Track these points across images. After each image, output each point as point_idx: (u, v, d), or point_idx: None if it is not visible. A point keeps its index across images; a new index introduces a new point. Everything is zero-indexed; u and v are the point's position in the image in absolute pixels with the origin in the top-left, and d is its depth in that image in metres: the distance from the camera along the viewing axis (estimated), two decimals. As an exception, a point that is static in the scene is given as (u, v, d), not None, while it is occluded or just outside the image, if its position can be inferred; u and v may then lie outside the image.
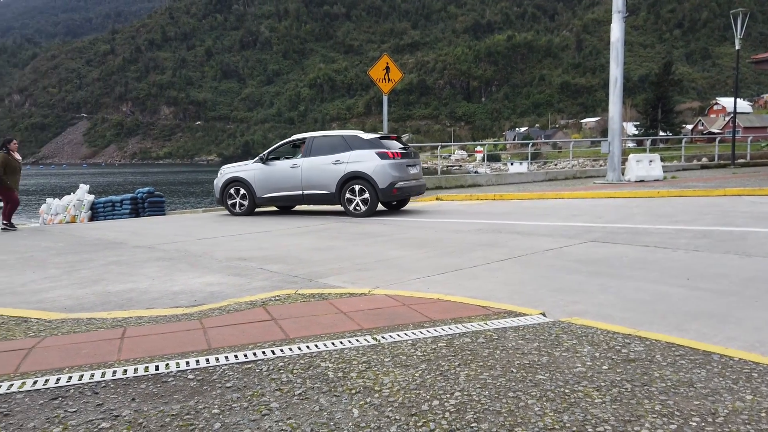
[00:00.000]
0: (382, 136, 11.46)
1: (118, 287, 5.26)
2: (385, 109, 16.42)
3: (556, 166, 46.73)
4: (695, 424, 2.31)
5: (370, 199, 10.77)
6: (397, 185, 10.76)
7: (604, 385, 2.71)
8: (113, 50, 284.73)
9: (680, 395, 2.58)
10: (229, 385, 2.82)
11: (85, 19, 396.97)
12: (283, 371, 2.97)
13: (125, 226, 11.26)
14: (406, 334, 3.54)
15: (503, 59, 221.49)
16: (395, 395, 2.64)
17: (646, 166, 17.70)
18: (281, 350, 3.29)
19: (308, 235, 8.60)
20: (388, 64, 15.46)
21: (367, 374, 2.90)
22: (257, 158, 12.04)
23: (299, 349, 3.31)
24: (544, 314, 3.91)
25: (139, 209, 15.23)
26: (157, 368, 3.05)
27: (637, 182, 16.86)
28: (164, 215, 14.61)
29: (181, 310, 4.32)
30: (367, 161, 10.78)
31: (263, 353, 3.25)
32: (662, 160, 20.20)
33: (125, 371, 3.01)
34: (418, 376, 2.86)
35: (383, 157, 10.79)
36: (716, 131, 73.63)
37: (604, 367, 2.93)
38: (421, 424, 2.36)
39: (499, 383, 2.75)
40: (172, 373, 2.99)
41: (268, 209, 12.96)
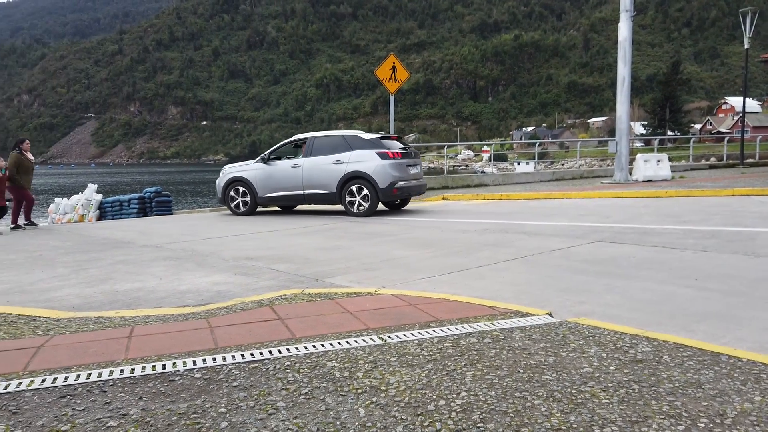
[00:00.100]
0: (382, 136, 11.49)
1: (125, 286, 5.29)
2: (391, 108, 16.42)
3: (563, 165, 46.59)
4: (703, 425, 2.30)
5: (370, 198, 10.80)
6: (397, 185, 10.79)
7: (611, 385, 2.69)
8: (121, 50, 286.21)
9: (688, 396, 2.57)
10: (235, 384, 2.83)
11: (93, 19, 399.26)
12: (289, 370, 2.98)
13: (133, 225, 11.32)
14: (412, 333, 3.54)
15: (510, 59, 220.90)
16: (401, 395, 2.64)
17: (654, 165, 17.61)
18: (288, 349, 3.30)
19: (315, 234, 8.61)
20: (394, 63, 15.46)
21: (373, 374, 2.90)
22: (259, 158, 12.11)
23: (305, 348, 3.32)
24: (550, 314, 3.90)
25: (146, 209, 15.30)
26: (164, 367, 3.06)
27: (644, 182, 16.78)
28: (171, 215, 14.67)
29: (188, 309, 4.33)
30: (367, 161, 10.82)
31: (270, 352, 3.25)
32: (670, 159, 20.09)
33: (133, 370, 3.03)
34: (424, 375, 2.86)
35: (383, 157, 10.83)
36: (725, 131, 73.16)
37: (611, 367, 2.92)
38: (427, 423, 2.35)
39: (505, 383, 2.74)
40: (179, 372, 3.00)
41: (269, 209, 13.00)
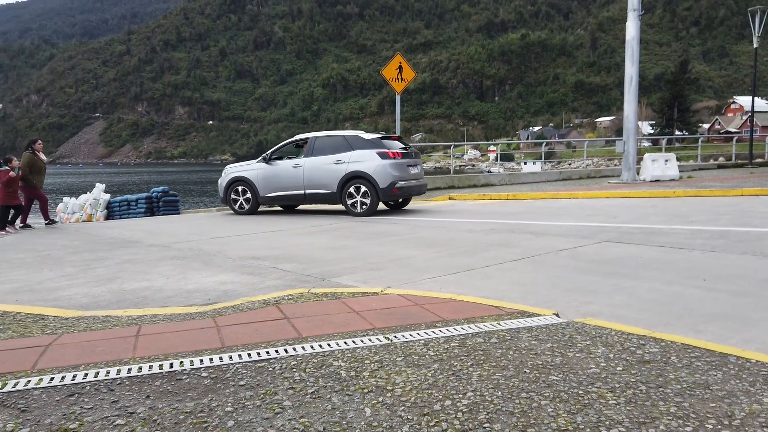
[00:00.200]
0: (383, 136, 11.52)
1: (133, 285, 5.31)
2: (398, 108, 16.42)
3: (570, 165, 46.39)
4: (711, 426, 2.28)
5: (370, 198, 10.84)
6: (397, 185, 10.82)
7: (618, 386, 2.68)
8: (129, 51, 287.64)
9: (696, 397, 2.55)
10: (242, 383, 2.83)
11: (101, 20, 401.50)
12: (295, 370, 2.98)
13: (140, 225, 11.37)
14: (418, 333, 3.53)
15: (517, 58, 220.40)
16: (407, 395, 2.64)
17: (661, 165, 17.52)
18: (294, 349, 3.30)
19: (321, 234, 8.62)
20: (401, 63, 15.46)
21: (379, 373, 2.90)
22: (260, 158, 12.18)
23: (312, 348, 3.32)
24: (557, 315, 3.89)
25: (153, 208, 15.37)
26: (171, 366, 3.08)
27: (652, 182, 16.70)
28: (178, 214, 14.73)
29: (195, 308, 4.35)
30: (367, 161, 10.86)
31: (276, 352, 3.26)
32: (678, 159, 19.99)
33: (140, 369, 3.04)
34: (430, 375, 2.86)
35: (384, 157, 10.86)
36: (733, 130, 72.67)
37: (618, 368, 2.90)
38: (433, 423, 2.35)
39: (512, 384, 2.73)
40: (186, 370, 3.01)
41: (271, 209, 13.04)
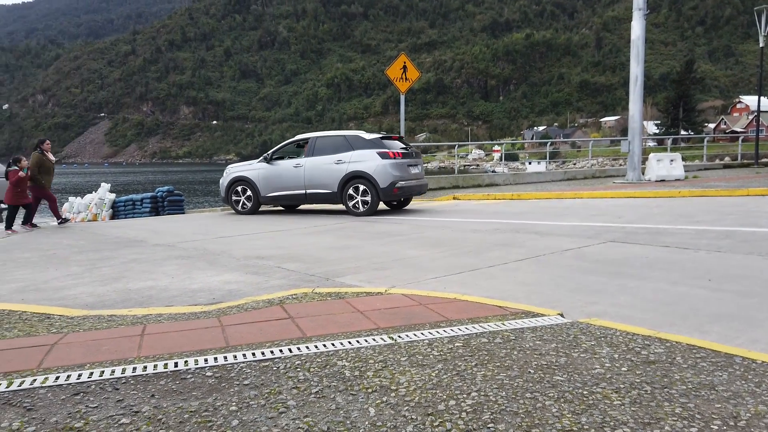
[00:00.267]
0: (383, 136, 11.54)
1: (138, 285, 5.33)
2: (402, 108, 16.41)
3: (574, 165, 46.31)
4: (716, 427, 2.27)
5: (371, 198, 10.86)
6: (397, 185, 10.83)
7: (623, 386, 2.68)
8: (134, 51, 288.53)
9: (701, 398, 2.54)
10: (246, 382, 2.84)
11: (106, 20, 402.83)
12: (300, 369, 2.99)
13: (145, 224, 11.41)
14: (422, 333, 3.53)
15: (521, 58, 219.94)
16: (411, 395, 2.64)
17: (667, 165, 17.46)
18: (298, 348, 3.31)
19: (325, 234, 8.62)
20: (405, 63, 15.45)
21: (383, 373, 2.90)
22: (261, 158, 12.22)
23: (316, 347, 3.32)
24: (562, 315, 3.88)
25: (158, 208, 15.41)
26: (176, 365, 3.09)
27: (657, 182, 16.64)
28: (183, 214, 14.76)
29: (199, 307, 4.36)
30: (368, 161, 10.87)
31: (280, 351, 3.27)
32: (684, 159, 19.89)
33: (145, 368, 3.05)
34: (434, 375, 2.86)
35: (384, 156, 10.87)
36: (739, 130, 72.25)
37: (623, 368, 2.90)
38: (437, 423, 2.35)
39: (516, 384, 2.73)
40: (190, 370, 3.02)
41: (272, 209, 13.06)
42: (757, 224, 7.90)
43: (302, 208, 13.03)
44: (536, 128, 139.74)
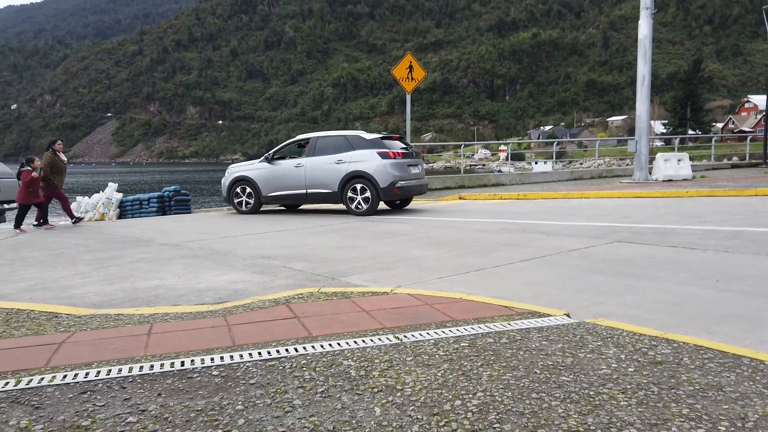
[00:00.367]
0: (384, 136, 11.58)
1: (145, 284, 5.35)
2: (408, 108, 16.40)
3: (581, 165, 46.14)
4: (724, 428, 2.26)
5: (371, 198, 10.88)
6: (398, 184, 10.85)
7: (629, 387, 2.66)
8: (141, 51, 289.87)
9: (708, 399, 2.53)
10: (252, 381, 2.85)
11: (114, 20, 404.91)
12: (305, 369, 2.99)
13: (152, 224, 11.46)
14: (428, 333, 3.53)
15: (528, 57, 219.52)
16: (417, 394, 2.64)
17: (674, 165, 17.37)
18: (304, 348, 3.31)
19: (330, 233, 8.63)
20: (411, 62, 15.45)
21: (389, 373, 2.90)
22: (263, 158, 12.27)
23: (322, 347, 3.33)
24: (568, 315, 3.87)
25: (165, 207, 15.47)
26: (182, 364, 3.10)
27: (665, 182, 16.56)
28: (190, 213, 14.82)
29: (206, 307, 4.37)
30: (368, 161, 10.90)
31: (286, 351, 3.27)
32: (691, 159, 19.80)
33: (152, 367, 3.06)
34: (440, 375, 2.85)
35: (384, 156, 10.90)
36: (747, 130, 71.75)
37: (630, 369, 2.88)
38: (443, 423, 2.35)
39: (522, 384, 2.72)
40: (197, 369, 3.03)
41: (273, 208, 13.08)
42: (765, 224, 7.85)
43: (304, 207, 13.07)
44: (543, 128, 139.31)
